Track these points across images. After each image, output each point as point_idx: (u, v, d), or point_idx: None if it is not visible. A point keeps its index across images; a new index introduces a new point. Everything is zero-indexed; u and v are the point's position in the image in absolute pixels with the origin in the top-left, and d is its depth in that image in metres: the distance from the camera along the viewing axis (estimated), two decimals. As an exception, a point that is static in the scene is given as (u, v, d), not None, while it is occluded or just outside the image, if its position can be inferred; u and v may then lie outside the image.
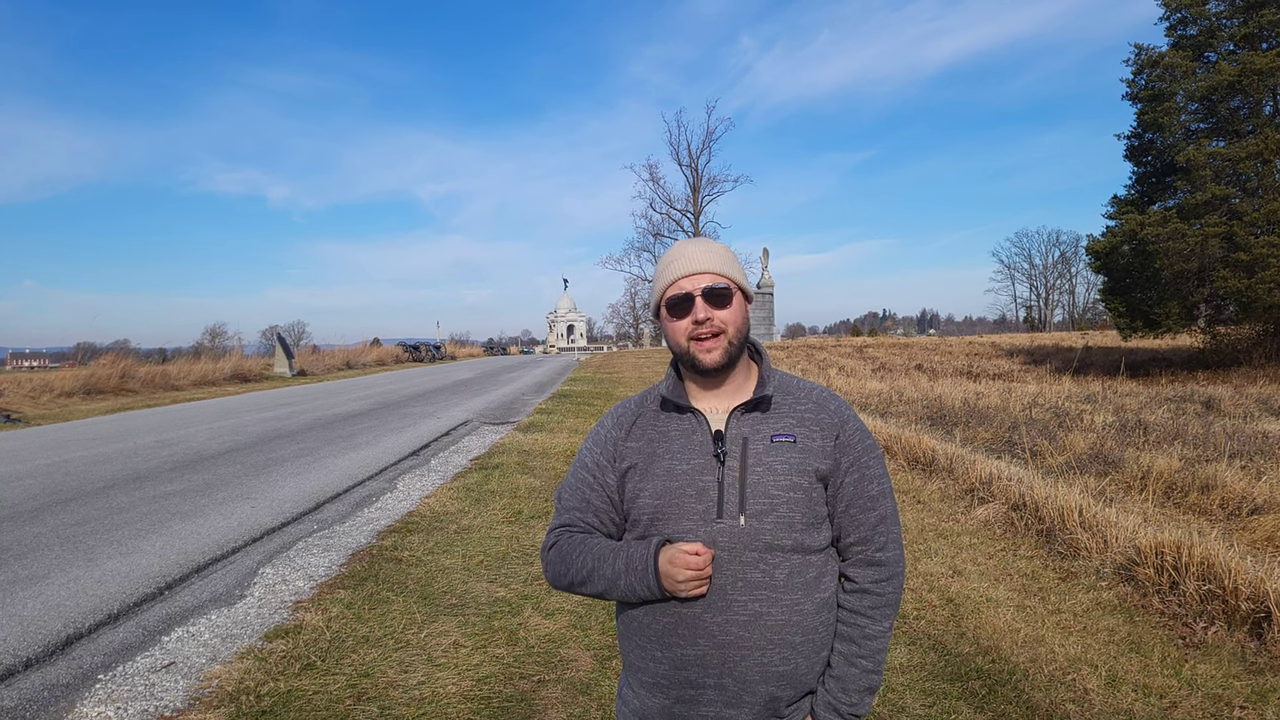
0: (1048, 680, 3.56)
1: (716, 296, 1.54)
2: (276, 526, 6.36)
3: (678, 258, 1.57)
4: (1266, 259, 18.85)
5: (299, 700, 3.38)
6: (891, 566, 1.57)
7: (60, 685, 3.59)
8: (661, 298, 1.59)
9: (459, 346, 66.99)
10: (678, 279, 1.56)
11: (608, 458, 1.61)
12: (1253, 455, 7.77)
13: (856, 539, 1.57)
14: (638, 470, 1.57)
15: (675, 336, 1.56)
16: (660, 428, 1.60)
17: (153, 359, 30.07)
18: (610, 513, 1.61)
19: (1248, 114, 21.39)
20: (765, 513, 1.49)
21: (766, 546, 1.49)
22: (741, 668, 1.48)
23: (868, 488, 1.57)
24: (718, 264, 1.56)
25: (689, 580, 1.45)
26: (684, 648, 1.50)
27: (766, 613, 1.48)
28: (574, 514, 1.63)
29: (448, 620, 4.30)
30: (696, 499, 1.51)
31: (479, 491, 7.55)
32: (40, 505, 7.02)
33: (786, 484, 1.51)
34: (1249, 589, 3.97)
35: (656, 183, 77.29)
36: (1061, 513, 5.58)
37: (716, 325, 1.53)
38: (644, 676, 1.56)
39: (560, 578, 1.60)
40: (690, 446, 1.55)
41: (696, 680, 1.50)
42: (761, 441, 1.53)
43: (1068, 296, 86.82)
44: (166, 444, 10.75)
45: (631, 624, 1.58)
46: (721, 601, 1.48)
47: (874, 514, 1.57)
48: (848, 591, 1.58)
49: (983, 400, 13.49)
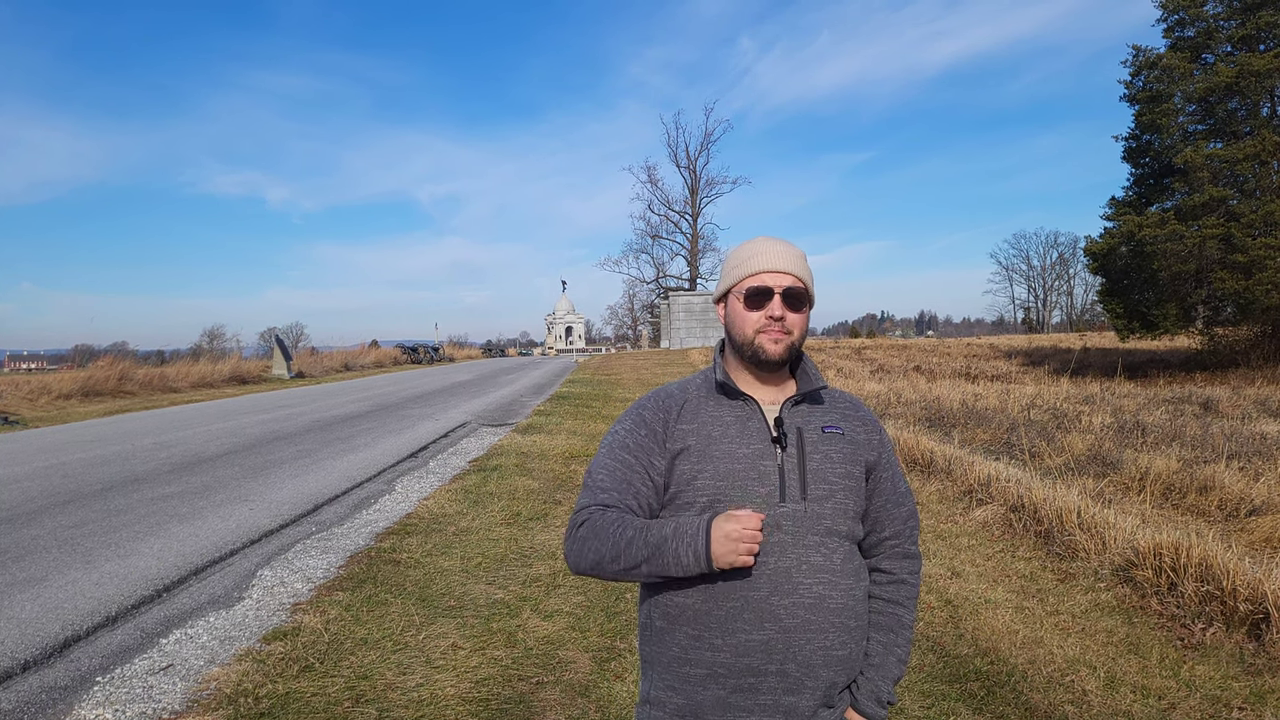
0: (1046, 681, 3.56)
1: (794, 298, 1.58)
2: (275, 529, 6.35)
3: (764, 252, 1.60)
4: (1264, 260, 18.88)
5: (297, 702, 3.38)
6: (919, 560, 1.68)
7: (58, 688, 3.58)
8: (738, 284, 1.60)
9: (457, 348, 66.96)
10: (761, 271, 1.58)
11: (655, 440, 1.57)
12: (1251, 456, 7.78)
13: (891, 533, 1.64)
14: (693, 452, 1.54)
15: (743, 326, 1.58)
16: (714, 412, 1.59)
17: (151, 361, 30.03)
18: (651, 497, 1.56)
19: (1245, 115, 21.43)
20: (825, 498, 1.53)
21: (827, 531, 1.53)
22: (805, 651, 1.48)
23: (899, 484, 1.67)
24: (800, 268, 1.60)
25: (742, 539, 1.39)
26: (749, 633, 1.47)
27: (829, 595, 1.50)
28: (611, 494, 1.55)
29: (446, 622, 4.30)
30: (759, 482, 1.52)
31: (477, 493, 7.55)
32: (38, 507, 7.01)
33: (842, 472, 1.56)
34: (1247, 590, 3.97)
35: (655, 184, 77.46)
36: (1060, 514, 5.59)
37: (788, 326, 1.57)
38: (695, 669, 1.50)
39: (589, 553, 1.50)
40: (748, 431, 1.56)
41: (759, 667, 1.48)
42: (814, 431, 1.58)
43: (1066, 298, 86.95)
44: (165, 446, 10.74)
45: (682, 614, 1.51)
46: (788, 584, 1.48)
47: (905, 509, 1.66)
48: (884, 584, 1.63)
49: (981, 402, 13.51)
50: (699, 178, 64.22)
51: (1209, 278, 20.44)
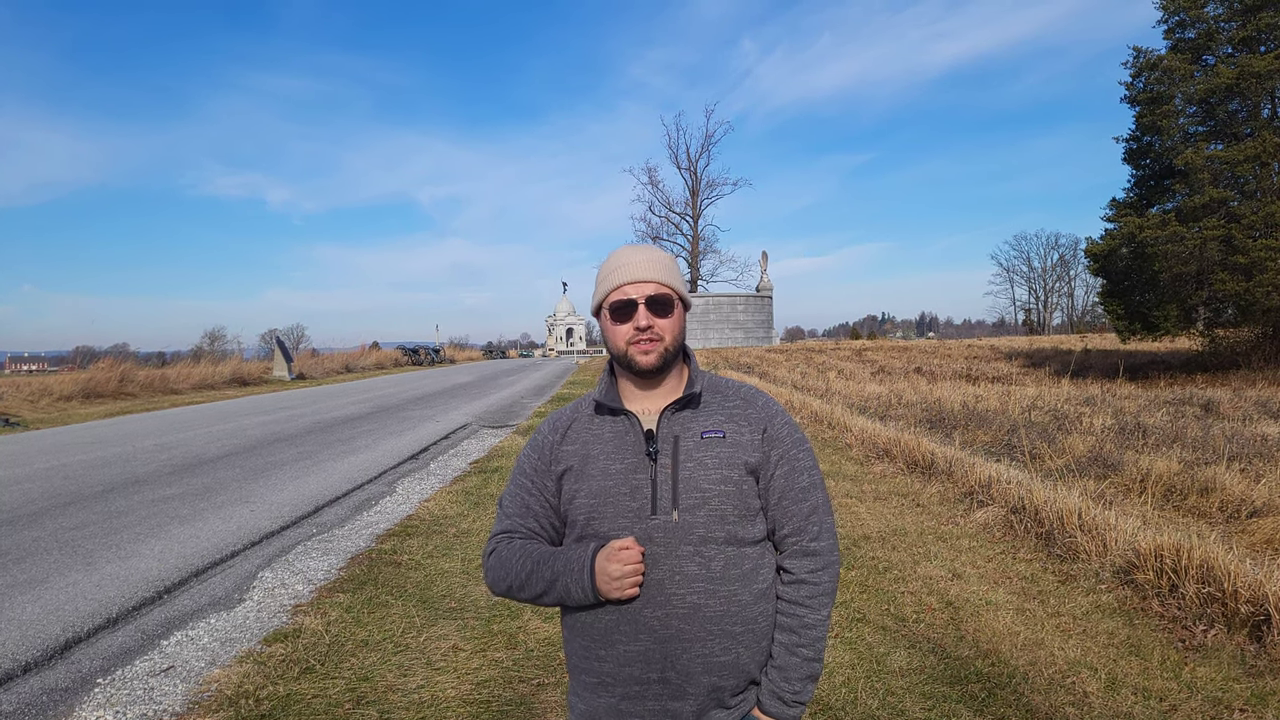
0: (1047, 683, 3.56)
1: (659, 305, 1.58)
2: (275, 530, 6.35)
3: (623, 264, 1.61)
4: (1265, 262, 18.84)
5: (298, 704, 3.38)
6: (826, 556, 1.61)
7: (59, 689, 3.59)
8: (605, 299, 1.62)
9: (458, 350, 66.98)
10: (623, 284, 1.59)
11: (544, 462, 1.65)
12: (1252, 458, 7.77)
13: (790, 530, 1.61)
14: (573, 472, 1.60)
15: (615, 340, 1.60)
16: (595, 430, 1.64)
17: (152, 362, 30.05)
18: (549, 517, 1.64)
19: (1246, 117, 21.40)
20: (698, 506, 1.53)
21: (701, 540, 1.52)
22: (684, 660, 1.51)
23: (798, 479, 1.61)
24: (662, 274, 1.60)
25: (624, 577, 1.48)
26: (626, 644, 1.52)
27: (705, 604, 1.51)
28: (514, 520, 1.66)
29: (447, 624, 4.30)
30: (630, 496, 1.54)
31: (478, 495, 7.55)
32: (39, 509, 7.01)
33: (717, 478, 1.54)
34: (1248, 592, 3.97)
35: (655, 186, 77.47)
36: (1061, 516, 5.58)
37: (657, 333, 1.57)
38: (588, 677, 1.58)
39: (499, 583, 1.63)
40: (624, 446, 1.59)
41: (640, 676, 1.52)
42: (692, 438, 1.57)
43: (1066, 299, 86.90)
44: (165, 448, 10.74)
45: (575, 626, 1.60)
46: (660, 596, 1.51)
47: (805, 505, 1.61)
48: (785, 583, 1.61)
49: (982, 403, 13.50)
50: (700, 179, 64.24)
51: (1210, 279, 20.40)
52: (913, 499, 7.17)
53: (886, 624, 4.24)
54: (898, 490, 7.53)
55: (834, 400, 15.05)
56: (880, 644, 3.98)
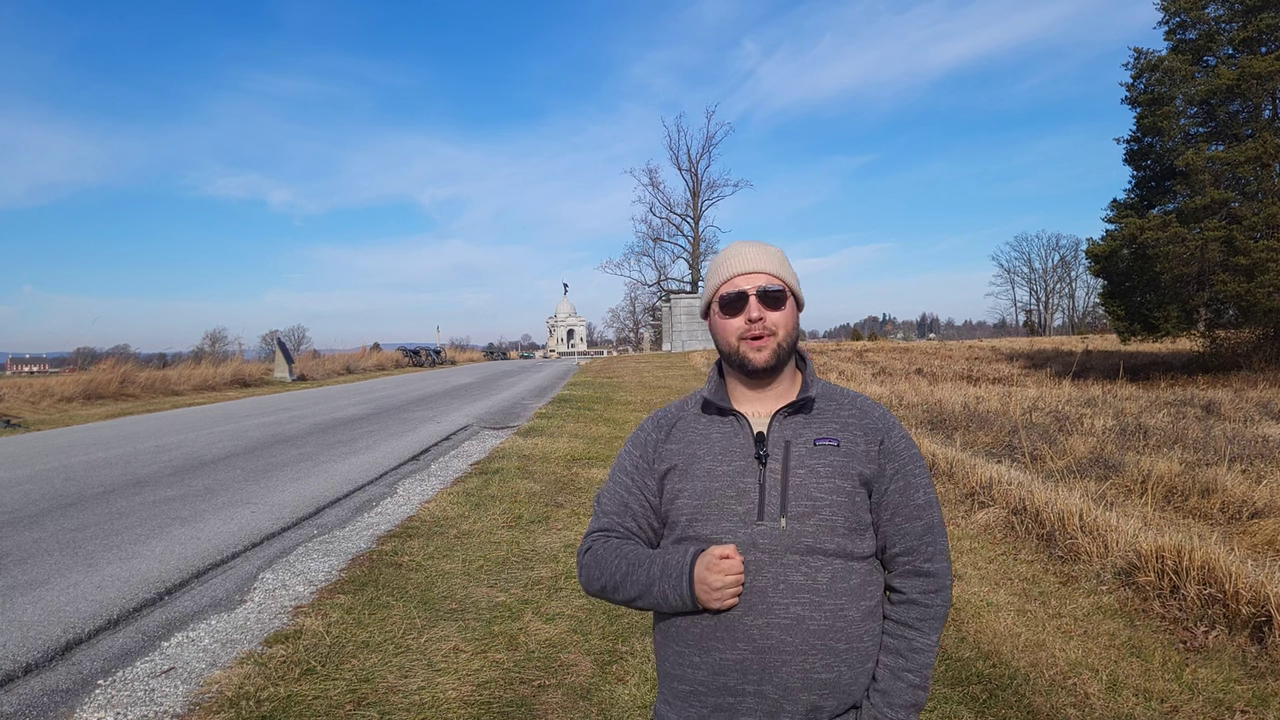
0: (1048, 685, 3.56)
1: (771, 298, 1.52)
2: (276, 531, 6.36)
3: (733, 257, 1.56)
4: (1266, 263, 18.83)
5: (299, 705, 3.38)
6: (940, 578, 1.53)
7: (60, 690, 3.59)
8: (714, 295, 1.57)
9: (459, 351, 66.99)
10: (733, 277, 1.54)
11: (646, 460, 1.60)
12: (1253, 459, 7.77)
13: (902, 549, 1.53)
14: (677, 471, 1.55)
15: (725, 335, 1.54)
16: (701, 430, 1.58)
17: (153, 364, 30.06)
18: (648, 517, 1.59)
19: (1247, 118, 21.40)
20: (807, 515, 1.46)
21: (808, 549, 1.45)
22: (782, 674, 1.43)
23: (913, 496, 1.54)
24: (773, 265, 1.55)
25: (725, 588, 1.42)
26: (723, 651, 1.45)
27: (809, 616, 1.44)
28: (611, 518, 1.61)
29: (448, 625, 4.30)
30: (737, 500, 1.49)
31: (479, 496, 7.55)
32: (40, 510, 7.02)
33: (829, 486, 1.48)
34: (1250, 593, 3.97)
35: (656, 187, 77.58)
36: (1062, 517, 5.58)
37: (769, 326, 1.52)
38: (680, 685, 1.51)
39: (593, 582, 1.58)
40: (732, 448, 1.53)
41: (735, 687, 1.45)
42: (804, 444, 1.51)
43: (1067, 300, 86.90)
44: (166, 449, 10.75)
45: (669, 630, 1.54)
46: (762, 604, 1.44)
47: (920, 523, 1.53)
48: (894, 603, 1.53)
49: (983, 404, 13.49)
50: (700, 180, 64.28)
51: (1211, 280, 20.39)
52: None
53: (887, 625, 4.24)
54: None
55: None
56: (881, 645, 3.97)
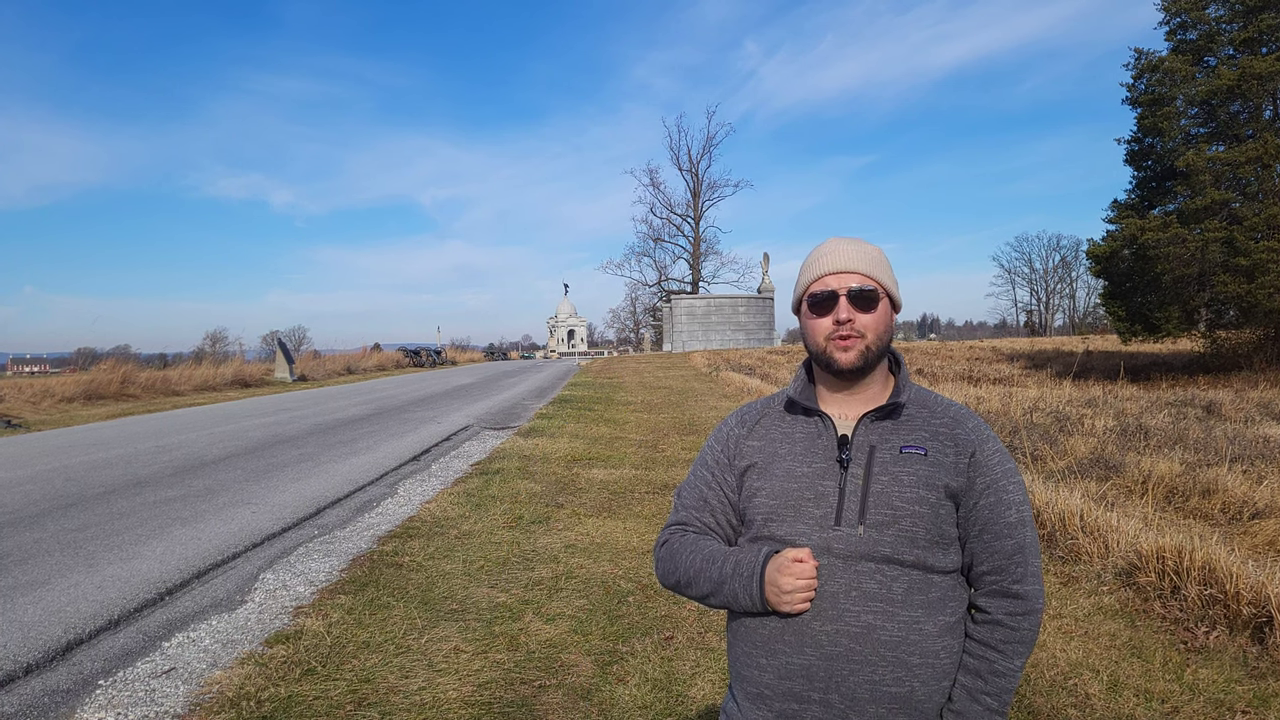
0: (1049, 685, 3.56)
1: (863, 299, 1.48)
2: (277, 532, 6.36)
3: (827, 254, 1.52)
4: (1266, 264, 18.83)
5: (299, 706, 3.38)
6: (1030, 601, 1.45)
7: (61, 691, 3.59)
8: (805, 293, 1.53)
9: (460, 351, 67.01)
10: (824, 275, 1.50)
11: (728, 456, 1.58)
12: (1254, 460, 7.77)
13: (990, 567, 1.46)
14: (757, 469, 1.53)
15: (814, 335, 1.51)
16: (784, 428, 1.55)
17: (153, 364, 30.08)
18: (727, 513, 1.57)
19: (1247, 119, 21.39)
20: (887, 524, 1.42)
21: (885, 558, 1.41)
22: (850, 683, 1.39)
23: (1004, 513, 1.46)
24: (868, 265, 1.51)
25: (795, 591, 1.39)
26: (790, 655, 1.42)
27: (881, 626, 1.39)
28: (690, 512, 1.59)
29: (448, 625, 4.30)
30: (815, 503, 1.46)
31: (480, 496, 7.55)
32: (41, 511, 7.02)
33: (912, 496, 1.43)
34: (1250, 593, 3.96)
35: (657, 188, 77.47)
36: (1062, 517, 5.58)
37: (858, 328, 1.47)
38: (748, 686, 1.49)
39: (668, 576, 1.57)
40: (814, 449, 1.50)
41: (801, 693, 1.42)
42: (890, 451, 1.47)
43: (1068, 301, 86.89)
44: (167, 449, 10.76)
45: (739, 629, 1.52)
46: (833, 610, 1.40)
47: (1010, 542, 1.46)
48: (978, 623, 1.47)
49: (983, 405, 13.49)
50: (701, 181, 64.35)
51: (1211, 281, 20.38)
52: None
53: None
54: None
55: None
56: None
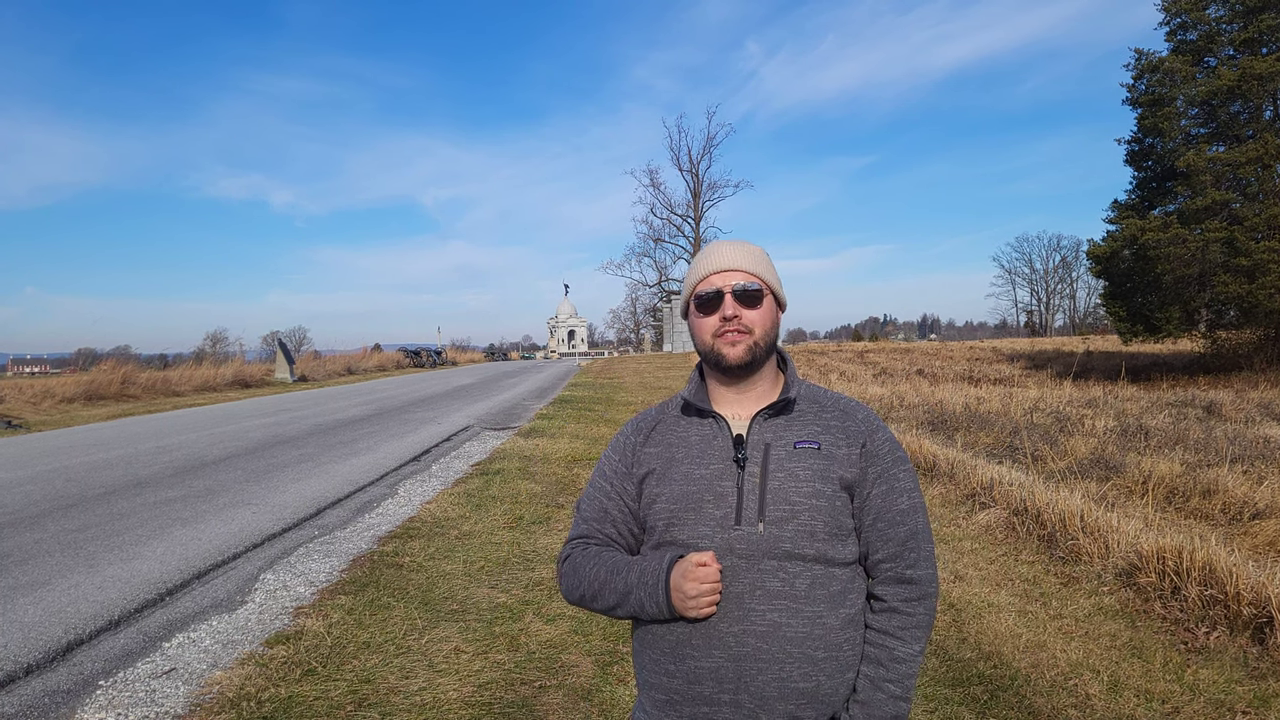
0: (1049, 685, 3.56)
1: (748, 296, 1.51)
2: (277, 532, 6.36)
3: (711, 254, 1.55)
4: (1267, 264, 18.83)
5: (300, 706, 3.38)
6: (924, 585, 1.49)
7: (61, 691, 3.59)
8: (691, 293, 1.55)
9: (460, 352, 67.05)
10: (709, 275, 1.53)
11: (626, 465, 1.58)
12: (1254, 460, 7.76)
13: (885, 555, 1.49)
14: (655, 475, 1.53)
15: (701, 333, 1.53)
16: (680, 433, 1.56)
17: (154, 364, 30.11)
18: (628, 523, 1.57)
19: (1247, 119, 21.39)
20: (786, 520, 1.43)
21: (786, 555, 1.42)
22: (758, 682, 1.40)
23: (896, 501, 1.50)
24: (751, 263, 1.53)
25: (700, 595, 1.39)
26: (698, 659, 1.43)
27: (786, 623, 1.41)
28: (591, 525, 1.59)
29: (449, 626, 4.30)
30: (714, 504, 1.46)
31: (480, 497, 7.55)
32: (41, 511, 7.03)
33: (809, 490, 1.45)
34: (1251, 594, 3.96)
35: (657, 188, 77.35)
36: (1063, 518, 5.58)
37: (744, 324, 1.49)
38: (656, 694, 1.49)
39: (572, 591, 1.56)
40: (710, 451, 1.51)
41: (711, 696, 1.43)
42: (784, 447, 1.48)
43: (1068, 301, 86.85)
44: (167, 450, 10.76)
45: (646, 637, 1.52)
46: (738, 611, 1.41)
47: (903, 528, 1.49)
48: (876, 611, 1.50)
49: (984, 405, 13.49)
50: (701, 181, 64.33)
51: (1212, 281, 20.38)
52: (914, 501, 7.16)
53: (888, 626, 4.23)
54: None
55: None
56: (882, 646, 3.97)
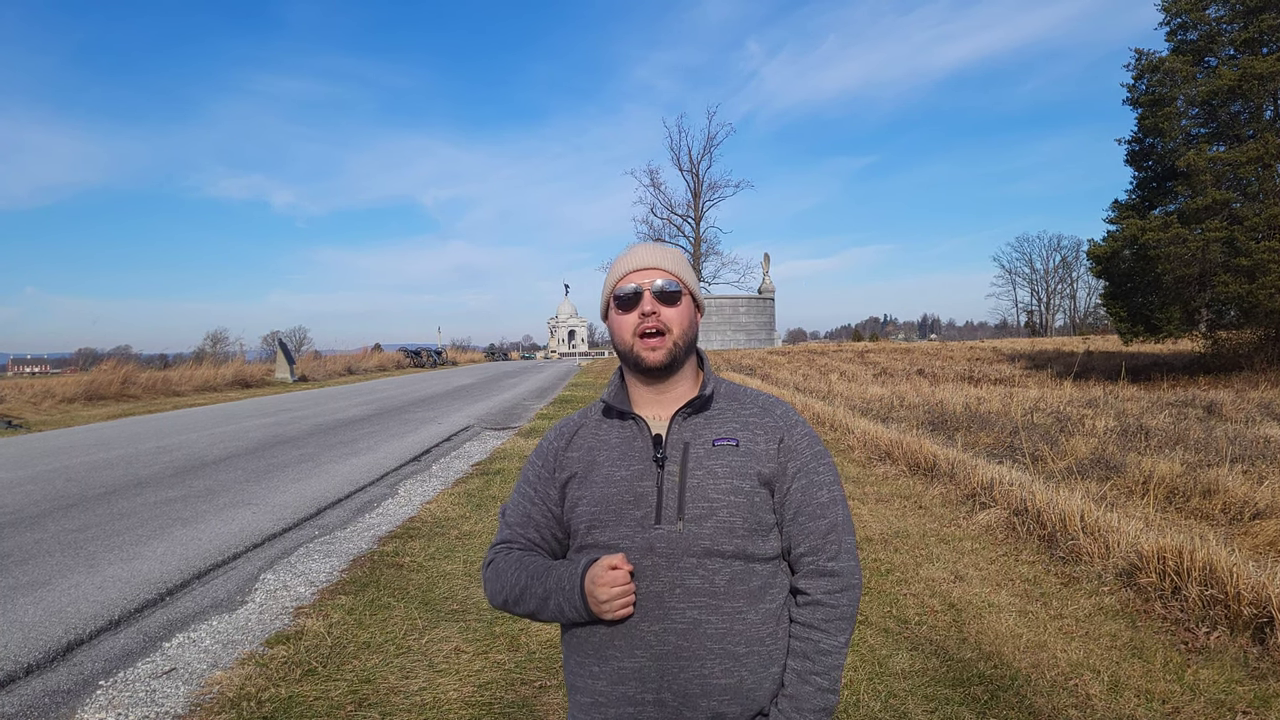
0: (1050, 686, 3.55)
1: (666, 295, 1.52)
2: (278, 532, 6.36)
3: (630, 255, 1.57)
4: (1267, 264, 18.82)
5: (300, 706, 3.38)
6: (846, 577, 1.49)
7: (62, 691, 3.59)
8: (610, 293, 1.56)
9: (460, 352, 67.06)
10: (628, 273, 1.54)
11: (548, 470, 1.59)
12: (1255, 460, 7.76)
13: (807, 549, 1.50)
14: (577, 479, 1.54)
15: (621, 333, 1.53)
16: (601, 436, 1.57)
17: (154, 365, 30.12)
18: (551, 527, 1.58)
19: (1248, 119, 21.38)
20: (704, 517, 1.44)
21: (705, 552, 1.43)
22: (680, 680, 1.41)
23: (816, 494, 1.51)
24: (669, 263, 1.54)
25: (612, 600, 1.40)
26: (621, 660, 1.44)
27: (706, 620, 1.42)
28: (515, 530, 1.60)
29: (449, 626, 4.30)
30: (634, 505, 1.47)
31: (480, 497, 7.55)
32: (42, 511, 7.03)
33: (727, 487, 1.46)
34: (1251, 594, 3.96)
35: (657, 188, 77.18)
36: (1063, 518, 5.57)
37: (662, 323, 1.50)
38: (582, 696, 1.49)
39: (495, 596, 1.56)
40: (630, 452, 1.52)
41: (635, 696, 1.43)
42: (703, 445, 1.49)
43: (1069, 301, 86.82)
44: (168, 450, 10.76)
45: (571, 640, 1.52)
46: (659, 609, 1.42)
47: (824, 522, 1.50)
48: (800, 605, 1.50)
49: (984, 405, 13.48)
50: (701, 181, 64.25)
51: (1212, 281, 20.36)
52: (915, 501, 7.17)
53: (889, 626, 4.24)
54: (900, 492, 7.53)
55: (836, 402, 15.04)
56: (882, 646, 3.97)
